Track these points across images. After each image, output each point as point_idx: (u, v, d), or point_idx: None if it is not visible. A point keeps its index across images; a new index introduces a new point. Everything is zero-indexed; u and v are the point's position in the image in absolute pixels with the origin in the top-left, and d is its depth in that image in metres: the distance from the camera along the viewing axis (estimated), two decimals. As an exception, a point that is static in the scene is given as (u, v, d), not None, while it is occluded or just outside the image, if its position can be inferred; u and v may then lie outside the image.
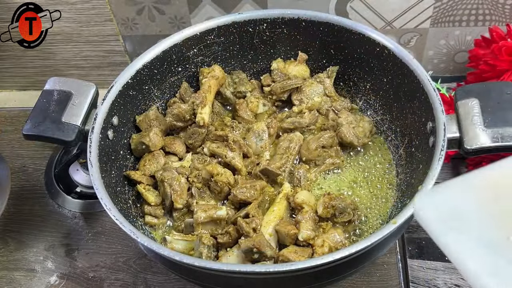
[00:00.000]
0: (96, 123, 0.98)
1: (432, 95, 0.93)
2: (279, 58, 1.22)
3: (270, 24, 1.15)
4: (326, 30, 1.12)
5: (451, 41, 1.35)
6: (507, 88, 0.91)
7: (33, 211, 1.25)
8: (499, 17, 1.27)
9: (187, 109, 1.10)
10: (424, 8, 1.27)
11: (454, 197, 0.57)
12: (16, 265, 1.15)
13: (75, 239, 1.19)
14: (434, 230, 0.54)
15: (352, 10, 1.30)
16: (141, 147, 1.08)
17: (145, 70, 1.09)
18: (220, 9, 1.34)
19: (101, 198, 0.88)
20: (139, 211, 1.05)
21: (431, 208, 0.57)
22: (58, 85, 1.05)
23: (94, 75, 1.53)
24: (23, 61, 1.51)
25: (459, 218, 0.55)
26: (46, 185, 1.31)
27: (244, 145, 1.07)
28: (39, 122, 1.00)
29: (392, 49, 1.03)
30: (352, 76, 1.18)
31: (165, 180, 1.01)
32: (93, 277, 1.12)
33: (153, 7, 1.34)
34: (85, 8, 1.35)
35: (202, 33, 1.14)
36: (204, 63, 1.20)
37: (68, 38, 1.44)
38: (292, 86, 1.15)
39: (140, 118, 1.11)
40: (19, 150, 1.40)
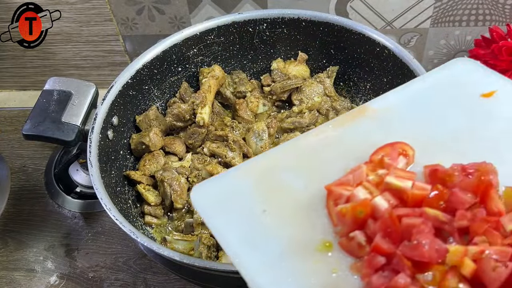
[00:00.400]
0: (96, 123, 0.98)
1: (432, 95, 0.92)
2: (279, 58, 1.21)
3: (270, 24, 1.15)
4: (326, 30, 1.12)
5: (451, 41, 1.35)
6: (507, 88, 0.91)
7: (33, 211, 1.25)
8: (499, 17, 1.27)
9: (187, 109, 1.10)
10: (424, 8, 1.27)
11: (227, 183, 0.64)
12: (16, 265, 1.15)
13: (75, 239, 1.19)
14: (206, 214, 0.60)
15: (352, 10, 1.30)
16: (141, 147, 1.08)
17: (145, 70, 1.09)
18: (220, 9, 1.33)
19: (101, 198, 0.88)
20: (139, 211, 1.05)
21: (204, 196, 0.62)
22: (58, 85, 1.05)
23: (94, 75, 1.53)
24: (23, 61, 1.51)
25: (228, 200, 0.61)
26: (46, 185, 1.31)
27: (244, 145, 1.07)
28: (39, 122, 1.00)
29: (392, 49, 1.03)
30: (352, 76, 1.18)
31: (165, 180, 1.01)
32: (93, 277, 1.12)
33: (153, 7, 1.34)
34: (85, 8, 1.35)
35: (202, 33, 1.14)
36: (204, 63, 1.20)
37: (68, 38, 1.43)
38: (292, 86, 1.15)
39: (140, 118, 1.11)
40: (19, 150, 1.40)
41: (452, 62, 0.78)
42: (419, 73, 0.97)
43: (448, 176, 0.57)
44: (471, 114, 0.69)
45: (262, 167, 0.66)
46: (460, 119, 0.69)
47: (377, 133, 0.67)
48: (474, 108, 0.70)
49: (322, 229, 0.57)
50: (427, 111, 0.71)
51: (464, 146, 0.65)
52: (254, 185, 0.63)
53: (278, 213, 0.59)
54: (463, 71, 0.76)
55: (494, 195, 0.54)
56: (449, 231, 0.53)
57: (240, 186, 0.63)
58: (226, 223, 0.59)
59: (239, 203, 0.61)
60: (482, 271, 0.48)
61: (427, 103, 0.69)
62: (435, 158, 0.62)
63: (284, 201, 0.61)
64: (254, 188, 0.63)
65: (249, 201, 0.61)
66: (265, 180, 0.63)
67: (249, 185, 0.63)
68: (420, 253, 0.49)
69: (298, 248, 0.56)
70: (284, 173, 0.64)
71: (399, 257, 0.50)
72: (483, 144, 0.66)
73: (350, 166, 0.63)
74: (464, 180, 0.56)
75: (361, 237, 0.54)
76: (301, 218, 0.59)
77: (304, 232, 0.57)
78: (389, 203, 0.56)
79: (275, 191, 0.62)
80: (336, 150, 0.66)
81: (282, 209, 0.60)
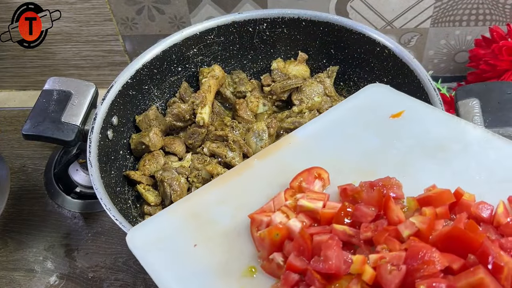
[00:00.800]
0: (95, 123, 0.98)
1: (432, 95, 0.92)
2: (279, 58, 1.21)
3: (270, 24, 1.15)
4: (326, 30, 1.12)
5: (451, 41, 1.35)
6: (508, 88, 0.91)
7: (32, 211, 1.25)
8: (499, 17, 1.27)
9: (187, 109, 1.10)
10: (425, 8, 1.27)
11: (160, 224, 0.69)
12: (16, 265, 1.15)
13: (75, 239, 1.19)
14: (140, 254, 0.65)
15: (352, 9, 1.30)
16: (141, 147, 1.08)
17: (144, 70, 1.09)
18: (220, 9, 1.33)
19: (101, 198, 0.87)
20: (139, 211, 1.05)
21: (139, 238, 0.67)
22: (58, 85, 1.05)
23: (94, 75, 1.53)
24: (22, 61, 1.51)
25: (162, 240, 0.66)
26: (46, 185, 1.31)
27: (244, 145, 1.07)
28: (38, 122, 1.00)
29: (393, 49, 1.03)
30: (352, 76, 1.17)
31: (165, 180, 1.01)
32: (93, 277, 1.11)
33: (153, 7, 1.34)
34: (85, 8, 1.35)
35: (202, 32, 1.14)
36: (204, 63, 1.20)
37: (67, 38, 1.43)
38: (292, 86, 1.15)
39: (139, 118, 1.11)
40: (19, 150, 1.40)
41: (366, 88, 0.87)
42: (419, 73, 0.97)
43: (356, 193, 0.64)
44: (382, 134, 0.76)
45: (192, 205, 0.71)
46: (373, 140, 0.76)
47: (300, 161, 0.73)
48: (385, 129, 0.77)
49: (248, 256, 0.63)
50: (343, 135, 0.77)
51: (375, 165, 0.72)
52: (185, 223, 0.68)
53: (208, 246, 0.65)
54: (375, 95, 0.84)
55: (393, 206, 0.59)
56: (357, 243, 0.58)
57: (172, 225, 0.68)
58: (161, 262, 0.63)
59: (172, 241, 0.66)
60: (380, 276, 0.52)
61: (343, 128, 0.76)
62: (349, 178, 0.69)
63: (213, 234, 0.66)
64: (185, 226, 0.68)
65: (181, 238, 0.66)
66: (196, 216, 0.69)
67: (181, 224, 0.68)
68: (328, 266, 0.54)
69: (226, 275, 0.61)
70: (213, 208, 0.70)
71: (310, 272, 0.55)
72: (392, 160, 0.72)
73: (274, 194, 0.69)
74: (367, 195, 0.62)
75: (279, 258, 0.59)
76: (229, 247, 0.64)
77: (232, 259, 0.63)
78: (302, 224, 0.62)
79: (205, 226, 0.67)
80: (261, 181, 0.72)
81: (211, 241, 0.65)
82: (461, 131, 0.75)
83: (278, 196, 0.67)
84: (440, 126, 0.76)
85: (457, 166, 0.69)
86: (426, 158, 0.72)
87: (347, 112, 0.82)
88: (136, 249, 0.66)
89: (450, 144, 0.73)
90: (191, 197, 0.73)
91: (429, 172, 0.69)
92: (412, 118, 0.78)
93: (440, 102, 0.90)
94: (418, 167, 0.70)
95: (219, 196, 0.72)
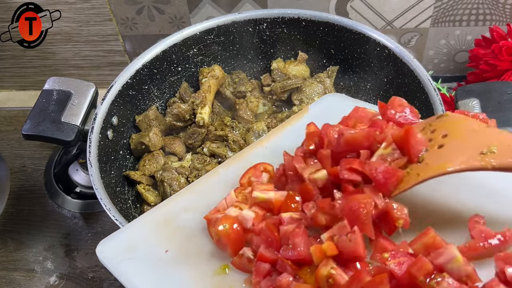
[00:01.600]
0: (95, 123, 0.98)
1: (432, 95, 0.92)
2: (279, 58, 1.21)
3: (270, 24, 1.15)
4: (326, 30, 1.12)
5: (451, 41, 1.35)
6: (508, 88, 0.92)
7: (32, 211, 1.25)
8: (499, 16, 1.27)
9: (187, 109, 1.10)
10: (425, 7, 1.27)
11: (130, 234, 0.70)
12: (16, 266, 1.15)
13: (75, 240, 1.19)
14: (111, 264, 0.65)
15: (352, 9, 1.30)
16: (141, 147, 1.08)
17: (144, 70, 1.09)
18: (220, 9, 1.33)
19: (101, 199, 0.87)
20: (139, 211, 1.05)
21: (109, 249, 0.68)
22: (58, 85, 1.05)
23: (94, 75, 1.53)
24: (22, 61, 1.51)
25: (133, 249, 0.67)
26: (46, 185, 1.30)
27: (244, 145, 1.07)
28: (38, 122, 1.00)
29: (393, 49, 1.03)
30: (353, 76, 1.17)
31: (164, 180, 1.01)
32: (93, 277, 1.11)
33: (153, 7, 1.34)
34: (85, 8, 1.35)
35: (202, 32, 1.14)
36: (204, 63, 1.20)
37: (67, 38, 1.43)
38: (292, 86, 1.14)
39: (139, 118, 1.11)
40: (19, 150, 1.40)
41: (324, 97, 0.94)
42: (419, 73, 0.97)
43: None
44: None
45: (162, 213, 0.72)
46: None
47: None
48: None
49: (220, 256, 0.64)
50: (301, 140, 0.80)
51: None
52: (156, 230, 0.69)
53: (179, 250, 0.66)
54: (332, 103, 0.90)
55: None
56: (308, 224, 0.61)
57: (142, 234, 0.69)
58: (133, 269, 0.64)
59: (143, 249, 0.67)
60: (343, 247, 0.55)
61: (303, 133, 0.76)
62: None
63: (184, 238, 0.68)
64: (156, 233, 0.69)
65: (152, 246, 0.67)
66: (165, 223, 0.70)
67: (151, 231, 0.69)
68: (297, 253, 0.57)
69: (199, 275, 0.62)
70: (182, 214, 0.71)
71: (280, 260, 0.57)
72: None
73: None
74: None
75: (249, 252, 0.61)
76: (200, 250, 0.65)
77: (204, 261, 0.64)
78: (257, 214, 0.64)
79: (175, 231, 0.69)
80: (225, 186, 0.75)
81: (182, 246, 0.67)
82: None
83: (229, 194, 0.69)
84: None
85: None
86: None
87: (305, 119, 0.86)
88: (106, 260, 0.66)
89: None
90: (160, 206, 0.75)
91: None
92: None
93: (440, 102, 0.91)
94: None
95: (186, 203, 0.73)
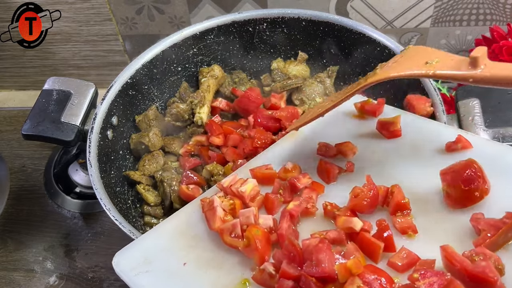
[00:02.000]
0: (95, 123, 0.97)
1: (433, 95, 0.92)
2: (279, 58, 1.21)
3: (270, 24, 1.15)
4: (326, 30, 1.12)
5: (451, 41, 1.35)
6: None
7: (32, 211, 1.25)
8: (499, 16, 1.27)
9: (186, 109, 1.10)
10: (425, 7, 1.27)
11: (146, 245, 0.69)
12: (15, 266, 1.15)
13: (75, 240, 1.19)
14: (128, 278, 0.65)
15: (353, 9, 1.30)
16: (141, 147, 1.08)
17: (144, 70, 1.09)
18: (220, 9, 1.33)
19: (101, 199, 0.87)
20: (139, 211, 1.05)
21: (126, 261, 0.67)
22: (58, 85, 1.05)
23: (94, 75, 1.53)
24: (22, 61, 1.51)
25: (149, 261, 0.66)
26: (45, 185, 1.30)
27: (244, 145, 1.06)
28: (38, 122, 1.00)
29: (393, 49, 1.03)
30: (353, 75, 1.17)
31: (164, 180, 1.01)
32: (93, 277, 1.11)
33: (153, 7, 1.34)
34: (85, 8, 1.35)
35: (201, 32, 1.13)
36: (204, 63, 1.20)
37: (67, 38, 1.43)
38: (292, 86, 1.14)
39: (139, 118, 1.11)
40: (18, 150, 1.40)
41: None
42: (420, 72, 0.96)
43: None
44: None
45: (177, 224, 0.71)
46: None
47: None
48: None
49: (240, 269, 0.63)
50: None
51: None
52: (172, 242, 0.68)
53: (197, 263, 0.65)
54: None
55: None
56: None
57: (159, 246, 0.68)
58: (151, 283, 0.63)
59: (160, 262, 0.66)
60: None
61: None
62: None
63: (202, 251, 0.66)
64: (172, 245, 0.68)
65: (169, 258, 0.66)
66: (181, 236, 0.69)
67: (168, 243, 0.68)
68: (321, 270, 0.55)
69: None
70: (198, 225, 0.70)
71: (304, 277, 0.56)
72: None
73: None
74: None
75: (270, 267, 0.59)
76: (219, 262, 0.64)
77: (223, 275, 0.63)
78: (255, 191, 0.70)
79: (192, 243, 0.68)
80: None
81: (200, 258, 0.65)
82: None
83: (213, 201, 0.70)
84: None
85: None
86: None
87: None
88: (123, 274, 0.66)
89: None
90: (174, 217, 0.74)
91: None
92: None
93: (440, 102, 0.90)
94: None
95: (201, 213, 0.72)
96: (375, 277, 0.54)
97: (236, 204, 0.69)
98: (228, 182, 0.73)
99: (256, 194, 0.71)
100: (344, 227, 0.62)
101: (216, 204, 0.68)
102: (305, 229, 0.65)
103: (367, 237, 0.60)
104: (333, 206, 0.67)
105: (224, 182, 0.73)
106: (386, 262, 0.59)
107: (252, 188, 0.71)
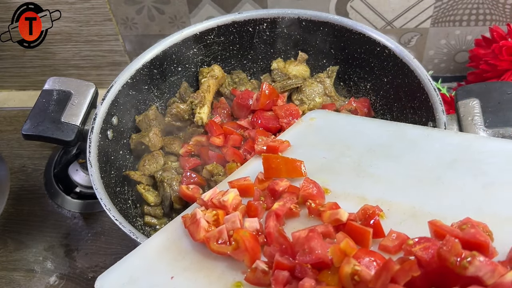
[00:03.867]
0: (95, 123, 0.98)
1: (432, 95, 0.92)
2: (279, 58, 1.21)
3: (270, 24, 1.15)
4: (326, 30, 1.12)
5: (451, 41, 1.35)
6: (508, 88, 0.91)
7: (32, 211, 1.25)
8: (499, 16, 1.27)
9: (186, 109, 1.10)
10: (425, 7, 1.27)
11: (132, 264, 0.67)
12: (16, 266, 1.15)
13: (75, 240, 1.19)
14: None
15: (352, 9, 1.30)
16: (141, 147, 1.08)
17: (144, 70, 1.09)
18: (220, 9, 1.33)
19: (101, 199, 0.87)
20: (139, 212, 1.05)
21: (110, 283, 0.65)
22: (58, 85, 1.05)
23: (94, 75, 1.53)
24: (22, 61, 1.51)
25: (135, 280, 0.64)
26: (46, 185, 1.30)
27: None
28: (38, 122, 1.00)
29: (393, 49, 1.03)
30: (353, 76, 1.17)
31: (164, 180, 1.01)
32: (93, 277, 1.11)
33: (153, 7, 1.34)
34: (85, 8, 1.35)
35: (202, 32, 1.14)
36: (204, 63, 1.20)
37: (67, 38, 1.43)
38: (292, 86, 1.14)
39: (139, 118, 1.11)
40: (19, 150, 1.40)
41: (306, 116, 0.97)
42: (420, 73, 0.96)
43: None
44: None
45: (161, 241, 0.70)
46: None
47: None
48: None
49: (231, 274, 0.62)
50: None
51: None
52: (157, 259, 0.67)
53: (185, 275, 0.64)
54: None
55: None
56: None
57: (144, 263, 0.67)
58: None
59: (145, 279, 0.64)
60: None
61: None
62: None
63: (189, 262, 0.65)
64: (158, 261, 0.67)
65: (155, 274, 0.65)
66: (166, 251, 0.68)
67: (153, 260, 0.67)
68: (315, 256, 0.55)
69: None
70: (183, 240, 0.69)
71: (299, 265, 0.56)
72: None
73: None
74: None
75: (262, 264, 0.59)
76: (208, 271, 0.63)
77: (214, 282, 0.62)
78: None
79: (178, 258, 0.67)
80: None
81: (188, 270, 0.64)
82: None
83: (195, 213, 0.70)
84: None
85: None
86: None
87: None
88: None
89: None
90: (156, 236, 0.73)
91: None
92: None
93: (440, 102, 0.90)
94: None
95: (184, 229, 0.71)
96: (370, 259, 0.55)
97: (219, 215, 0.68)
98: (208, 196, 0.72)
99: (239, 203, 0.71)
100: (331, 219, 0.63)
101: (199, 216, 0.67)
102: (291, 230, 0.64)
103: (355, 225, 0.61)
104: (317, 204, 0.67)
105: (204, 196, 0.73)
106: (377, 247, 0.59)
107: (234, 197, 0.70)
